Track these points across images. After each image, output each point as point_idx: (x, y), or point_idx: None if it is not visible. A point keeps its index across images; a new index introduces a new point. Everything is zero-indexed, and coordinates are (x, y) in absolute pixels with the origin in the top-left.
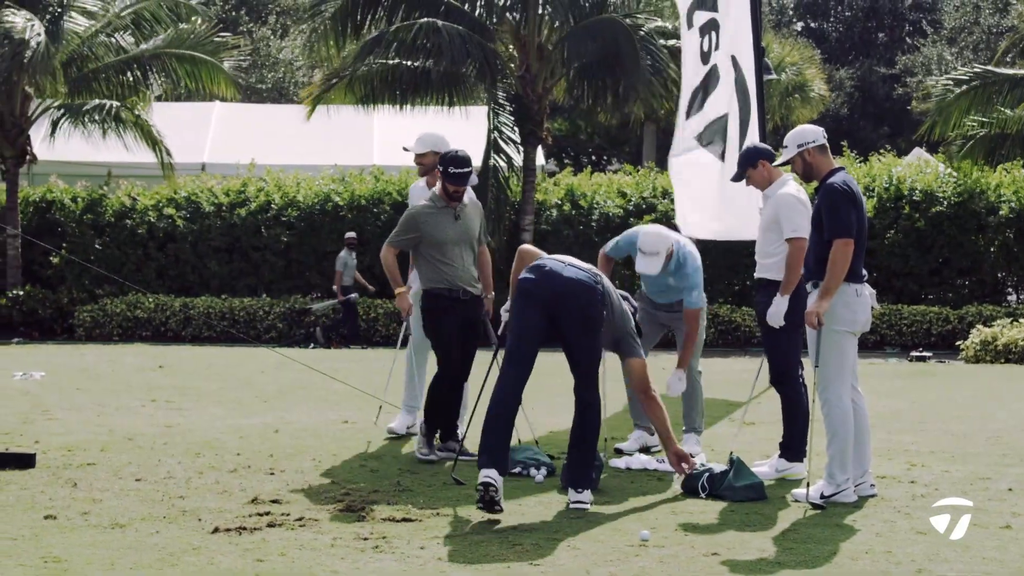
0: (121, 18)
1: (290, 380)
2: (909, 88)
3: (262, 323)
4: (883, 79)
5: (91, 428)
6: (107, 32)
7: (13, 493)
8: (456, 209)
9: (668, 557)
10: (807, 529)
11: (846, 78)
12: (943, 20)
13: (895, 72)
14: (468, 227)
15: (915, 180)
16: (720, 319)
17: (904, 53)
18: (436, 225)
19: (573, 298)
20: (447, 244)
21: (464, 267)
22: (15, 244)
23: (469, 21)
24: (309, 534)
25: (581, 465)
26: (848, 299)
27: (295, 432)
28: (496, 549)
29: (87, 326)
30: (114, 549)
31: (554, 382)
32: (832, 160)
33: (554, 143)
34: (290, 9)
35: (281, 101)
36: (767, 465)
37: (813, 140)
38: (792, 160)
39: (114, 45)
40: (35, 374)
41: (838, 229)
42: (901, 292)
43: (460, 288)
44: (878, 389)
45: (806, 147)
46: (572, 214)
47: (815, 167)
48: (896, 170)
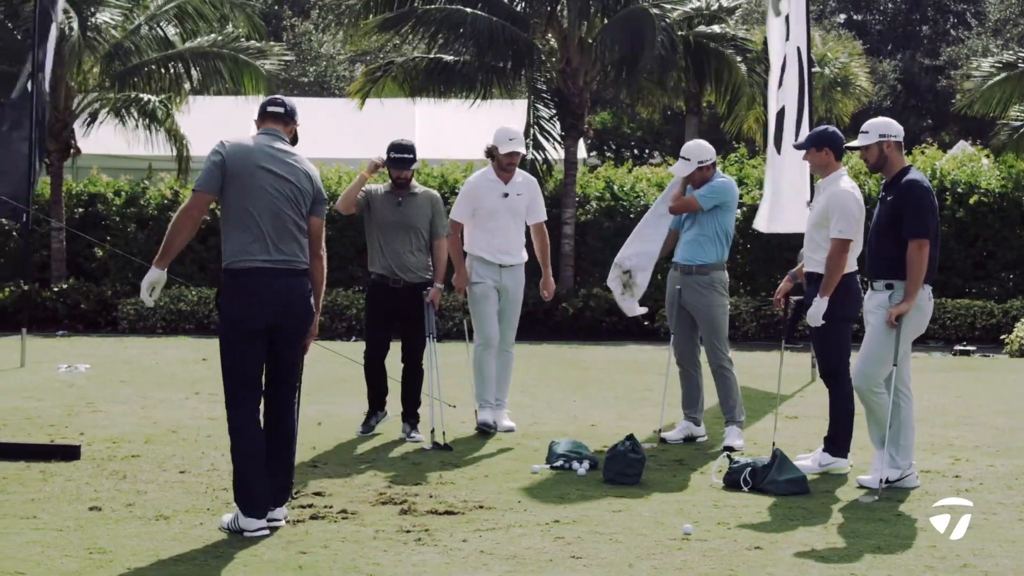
0: (164, 12)
1: (332, 373)
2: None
3: None
4: (926, 71)
5: (135, 420)
6: (150, 25)
7: (59, 485)
8: (400, 195)
9: (711, 551)
10: (851, 523)
11: (889, 71)
12: (988, 12)
13: (938, 64)
14: (409, 215)
15: (958, 173)
16: (761, 312)
17: (948, 45)
18: (380, 208)
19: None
20: (386, 228)
21: (399, 253)
22: (59, 237)
23: (509, 14)
24: (352, 526)
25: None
26: (920, 302)
27: (338, 424)
28: (538, 542)
29: (131, 319)
30: (159, 541)
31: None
32: (904, 158)
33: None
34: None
35: (323, 95)
36: (810, 459)
37: (895, 135)
38: (868, 147)
39: (157, 38)
40: (80, 367)
41: (919, 229)
42: (945, 286)
43: (393, 274)
44: (922, 383)
45: (888, 139)
46: (612, 206)
47: (890, 161)
48: (940, 163)
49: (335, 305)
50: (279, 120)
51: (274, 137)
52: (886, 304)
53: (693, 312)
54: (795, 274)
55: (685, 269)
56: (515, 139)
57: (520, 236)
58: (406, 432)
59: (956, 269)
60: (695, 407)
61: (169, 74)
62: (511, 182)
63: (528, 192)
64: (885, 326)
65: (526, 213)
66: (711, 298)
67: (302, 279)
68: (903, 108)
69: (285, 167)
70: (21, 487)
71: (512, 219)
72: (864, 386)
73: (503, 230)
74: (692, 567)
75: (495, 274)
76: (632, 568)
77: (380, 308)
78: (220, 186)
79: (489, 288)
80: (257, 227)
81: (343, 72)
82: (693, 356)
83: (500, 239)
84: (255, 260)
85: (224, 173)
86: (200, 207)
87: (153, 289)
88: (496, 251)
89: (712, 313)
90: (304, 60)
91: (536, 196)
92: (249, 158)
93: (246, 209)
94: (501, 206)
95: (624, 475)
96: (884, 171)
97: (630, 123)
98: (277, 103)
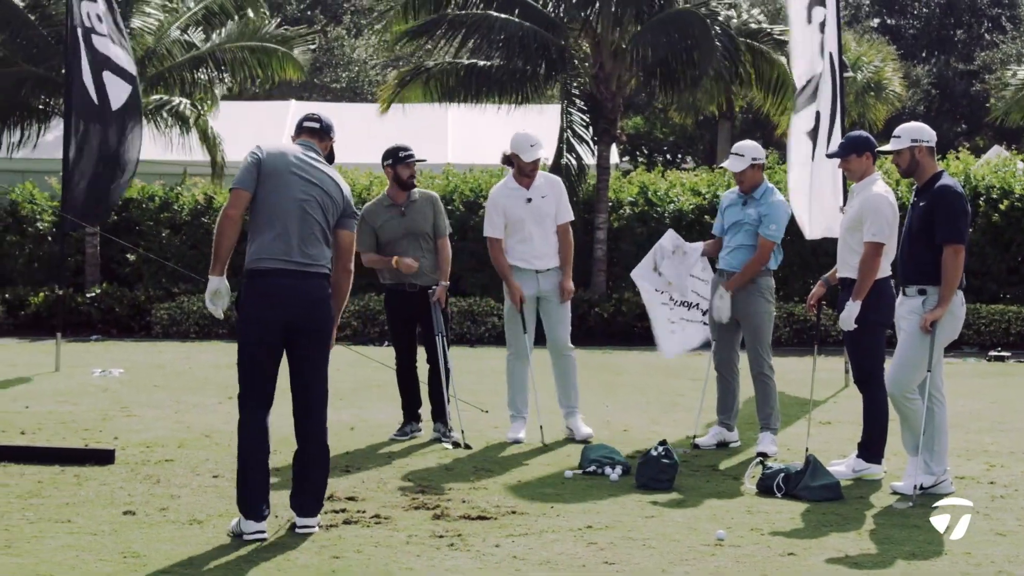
0: (194, 14)
1: (365, 377)
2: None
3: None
4: (960, 76)
5: (169, 425)
6: (179, 28)
7: (93, 489)
8: (402, 205)
9: (744, 557)
10: (884, 530)
11: (923, 75)
12: (1023, 15)
13: (973, 68)
14: (415, 221)
15: (992, 178)
16: (795, 317)
17: (983, 49)
18: (385, 225)
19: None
20: (396, 240)
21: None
22: (93, 242)
23: (542, 18)
24: (385, 531)
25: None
26: (954, 308)
27: (370, 429)
28: (571, 547)
29: (164, 324)
30: (192, 545)
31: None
32: (936, 164)
33: (628, 141)
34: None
35: (355, 100)
36: (844, 465)
37: (928, 140)
38: (900, 152)
39: (186, 42)
40: (114, 371)
41: (953, 234)
42: (979, 291)
43: (406, 282)
44: (956, 389)
45: (920, 144)
46: (645, 211)
47: (921, 166)
48: (974, 168)
49: (367, 310)
50: (314, 135)
51: (308, 148)
52: (919, 310)
53: (739, 318)
54: (828, 279)
55: (732, 276)
56: (536, 145)
57: (553, 238)
58: (440, 432)
59: (991, 274)
60: (729, 413)
61: (198, 75)
62: (533, 186)
63: (552, 192)
64: (919, 332)
65: (555, 214)
66: (758, 305)
67: (322, 283)
68: (937, 113)
69: (316, 173)
70: (56, 491)
71: (540, 223)
72: (898, 392)
73: (534, 236)
74: (725, 573)
75: (532, 281)
76: (665, 574)
77: (399, 314)
78: (256, 185)
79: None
80: (283, 226)
81: (375, 77)
82: (732, 363)
83: (532, 245)
84: (275, 260)
85: (259, 172)
86: (237, 204)
87: (218, 299)
88: (530, 257)
89: (758, 320)
90: (336, 65)
91: (560, 196)
92: (282, 161)
93: (274, 209)
94: (527, 213)
95: (657, 480)
96: (916, 176)
97: (663, 128)
98: (313, 119)
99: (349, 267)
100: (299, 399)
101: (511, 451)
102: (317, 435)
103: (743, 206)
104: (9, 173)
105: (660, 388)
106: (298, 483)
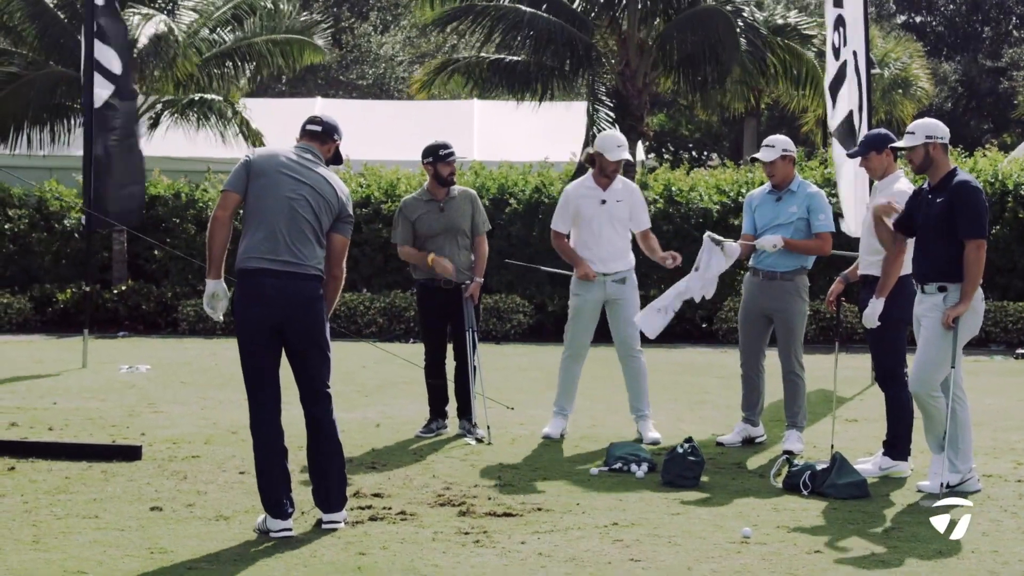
0: (223, 13)
1: (391, 374)
2: (1016, 82)
3: (363, 317)
4: (987, 73)
5: (195, 421)
6: (210, 27)
7: (120, 485)
8: (442, 201)
9: (770, 554)
10: (911, 527)
11: (950, 72)
12: None
13: (1000, 66)
14: (454, 218)
15: (1021, 174)
16: (820, 315)
17: (1010, 47)
18: (424, 219)
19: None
20: (434, 236)
21: (448, 257)
22: (120, 239)
23: (569, 14)
24: (410, 528)
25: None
26: (974, 303)
27: (396, 426)
28: (596, 544)
29: (190, 320)
30: (219, 541)
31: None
32: (950, 161)
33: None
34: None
35: (381, 97)
36: (870, 463)
37: (942, 137)
38: (914, 148)
39: (216, 41)
40: (141, 367)
41: (976, 230)
42: (1006, 288)
43: (440, 278)
44: (983, 387)
45: (934, 141)
46: (669, 210)
47: (935, 162)
48: (1001, 165)
49: (393, 307)
50: (315, 138)
51: (305, 151)
52: (940, 307)
53: (774, 317)
54: (847, 275)
55: (768, 275)
56: (622, 146)
57: (623, 242)
58: (465, 429)
59: (1018, 271)
60: (754, 410)
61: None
62: (610, 188)
63: (628, 198)
64: (940, 329)
65: (628, 220)
66: (795, 304)
67: (311, 283)
68: (964, 110)
69: (308, 173)
70: (83, 487)
71: (612, 226)
72: (922, 391)
73: (604, 237)
74: (751, 571)
75: (599, 286)
76: (691, 571)
77: (433, 311)
78: (245, 186)
79: (586, 302)
80: (272, 226)
81: (403, 74)
82: (759, 362)
83: (601, 247)
84: (262, 260)
85: (249, 173)
86: (225, 206)
87: (216, 301)
88: (598, 259)
89: (793, 320)
90: (363, 62)
91: (637, 202)
92: (272, 161)
93: (263, 208)
94: (600, 213)
95: (683, 478)
96: (929, 173)
97: (688, 125)
98: (315, 122)
99: (338, 272)
100: (304, 390)
101: (537, 448)
102: (325, 424)
103: (777, 202)
104: (36, 170)
105: (686, 385)
106: (316, 478)
